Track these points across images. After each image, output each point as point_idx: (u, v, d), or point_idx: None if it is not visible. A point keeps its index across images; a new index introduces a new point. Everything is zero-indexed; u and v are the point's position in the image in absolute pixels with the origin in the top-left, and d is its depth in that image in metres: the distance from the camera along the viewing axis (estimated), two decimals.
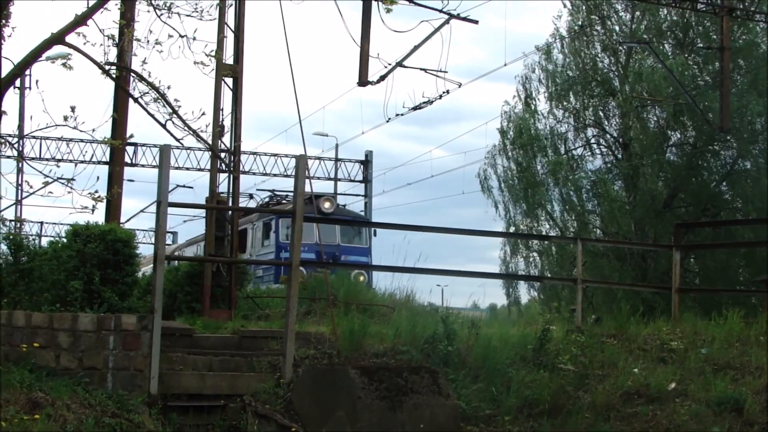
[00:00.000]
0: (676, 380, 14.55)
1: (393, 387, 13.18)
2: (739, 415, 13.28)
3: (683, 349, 15.79)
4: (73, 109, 13.79)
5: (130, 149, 45.60)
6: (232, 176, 18.81)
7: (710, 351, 15.44)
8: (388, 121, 34.22)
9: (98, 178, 16.02)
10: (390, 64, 28.44)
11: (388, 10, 17.37)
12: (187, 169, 48.97)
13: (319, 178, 50.76)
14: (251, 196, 43.39)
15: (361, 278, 30.58)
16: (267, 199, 40.67)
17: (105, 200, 17.02)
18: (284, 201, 38.98)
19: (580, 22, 48.97)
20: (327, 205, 35.09)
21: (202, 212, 30.32)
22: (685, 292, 18.50)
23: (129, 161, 45.21)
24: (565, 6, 49.27)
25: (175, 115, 14.90)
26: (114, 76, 15.36)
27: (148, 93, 14.69)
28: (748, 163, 46.02)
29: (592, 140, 48.21)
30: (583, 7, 48.89)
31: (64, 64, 13.92)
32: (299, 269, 23.50)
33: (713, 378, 14.28)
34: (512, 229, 46.41)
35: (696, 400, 13.82)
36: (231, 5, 18.92)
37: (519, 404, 14.15)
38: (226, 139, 18.86)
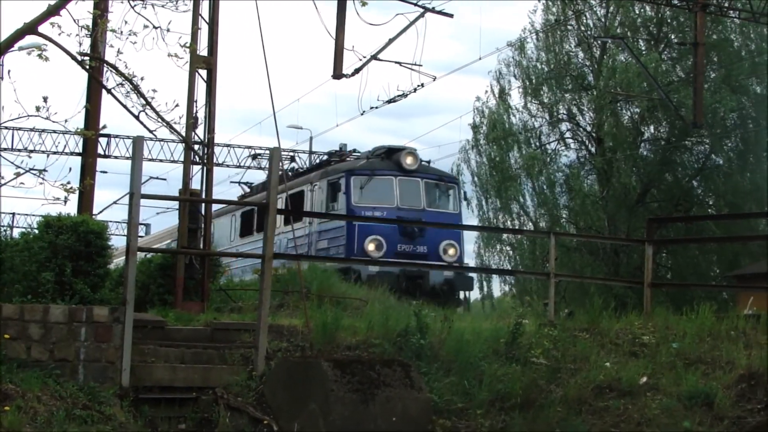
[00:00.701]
0: (648, 374, 14.60)
1: (365, 380, 13.18)
2: (710, 410, 13.34)
3: (655, 344, 15.85)
4: (45, 99, 13.72)
5: (103, 140, 45.35)
6: (205, 168, 18.74)
7: (681, 345, 15.51)
8: (362, 114, 34.22)
9: (71, 169, 16.01)
10: (365, 57, 28.46)
11: (364, 3, 17.35)
12: (161, 160, 48.78)
13: (292, 171, 50.68)
14: (293, 159, 39.90)
15: (452, 251, 28.08)
16: (325, 157, 34.75)
17: (77, 191, 16.91)
18: (351, 156, 32.90)
19: (554, 17, 49.09)
20: (409, 160, 29.32)
21: (175, 204, 30.18)
22: (658, 287, 18.55)
23: (102, 152, 44.97)
24: (540, 0, 49.38)
25: (148, 107, 14.85)
26: (87, 67, 15.27)
27: (121, 84, 14.64)
28: (721, 159, 46.31)
29: (566, 135, 48.40)
30: (558, 2, 48.99)
31: (39, 55, 13.83)
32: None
33: (684, 372, 14.34)
34: (486, 224, 46.55)
35: (667, 394, 13.88)
36: None
37: (491, 398, 14.16)
38: (200, 131, 18.80)
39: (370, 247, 27.30)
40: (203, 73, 18.80)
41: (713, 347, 15.31)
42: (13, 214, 63.42)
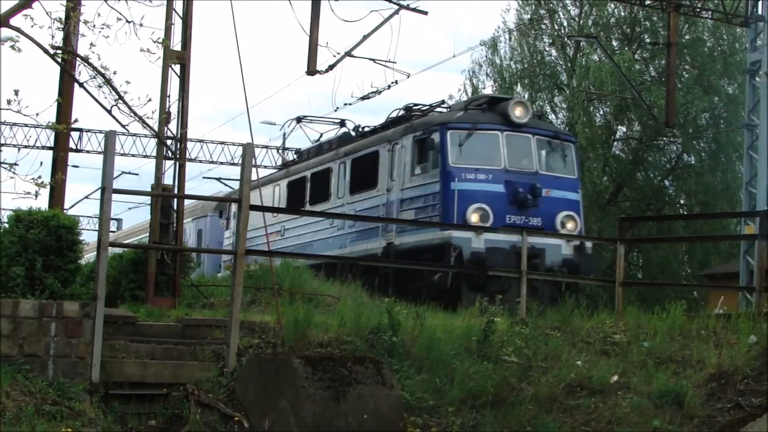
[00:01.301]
0: (619, 373, 14.65)
1: (337, 377, 13.16)
2: (680, 408, 13.40)
3: (626, 343, 15.91)
4: (16, 92, 13.62)
5: (75, 135, 45.28)
6: (177, 163, 18.67)
7: (652, 344, 15.56)
8: (336, 111, 34.20)
9: (42, 163, 15.89)
10: (339, 54, 28.44)
11: None
12: (133, 155, 48.70)
13: (266, 167, 50.64)
14: (343, 123, 33.74)
15: (571, 224, 23.81)
16: (401, 112, 28.55)
17: (48, 186, 16.83)
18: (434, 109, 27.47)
19: (528, 16, 49.22)
20: (519, 111, 24.41)
21: (148, 199, 29.94)
22: (629, 286, 18.59)
23: (74, 147, 44.88)
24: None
25: (120, 101, 14.78)
26: (59, 60, 15.18)
27: (94, 78, 14.56)
28: (693, 159, 46.53)
29: None
30: (532, 1, 49.14)
31: (12, 47, 13.73)
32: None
33: (655, 371, 14.39)
34: None
35: (638, 393, 13.93)
36: None
37: (462, 395, 14.17)
38: (173, 126, 18.72)
39: (474, 217, 22.93)
40: (176, 68, 18.72)
41: (684, 346, 15.37)
42: None
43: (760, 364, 13.99)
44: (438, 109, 27.04)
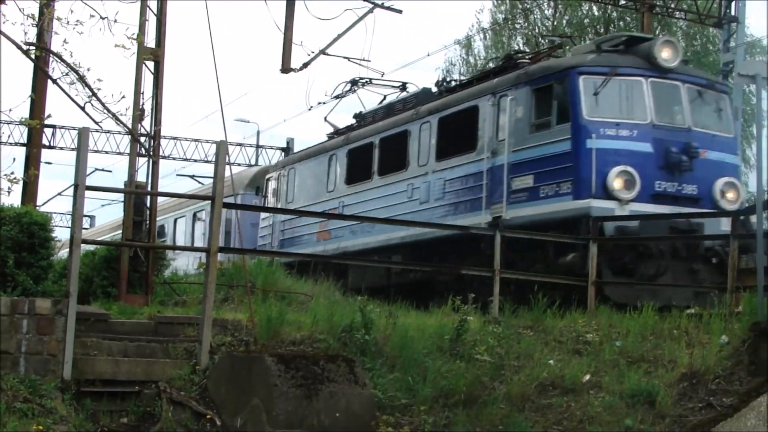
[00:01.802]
0: (591, 372, 14.70)
1: (309, 375, 13.15)
2: (652, 407, 13.47)
3: (598, 342, 15.96)
4: None
5: (48, 131, 45.13)
6: (151, 161, 18.62)
7: (625, 344, 15.62)
8: (310, 110, 34.16)
9: (14, 159, 15.85)
10: (313, 52, 28.45)
11: None
12: (107, 152, 48.67)
13: (239, 164, 50.64)
14: (404, 87, 29.53)
15: (731, 194, 20.19)
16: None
17: (21, 182, 16.78)
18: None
19: (502, 16, 49.34)
20: (666, 53, 20.39)
21: (121, 196, 29.81)
22: (602, 285, 18.63)
23: (47, 143, 44.77)
24: None
25: (94, 98, 14.74)
26: (33, 56, 15.14)
27: (67, 74, 14.52)
28: None
29: None
30: (507, 1, 49.26)
31: None
32: None
33: (627, 370, 14.45)
34: None
35: (610, 392, 13.98)
36: None
37: (435, 394, 14.19)
38: (147, 123, 18.68)
39: (617, 183, 19.23)
40: (150, 65, 18.67)
41: (656, 346, 15.44)
42: None
43: (731, 363, 14.07)
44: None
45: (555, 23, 47.51)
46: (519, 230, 19.73)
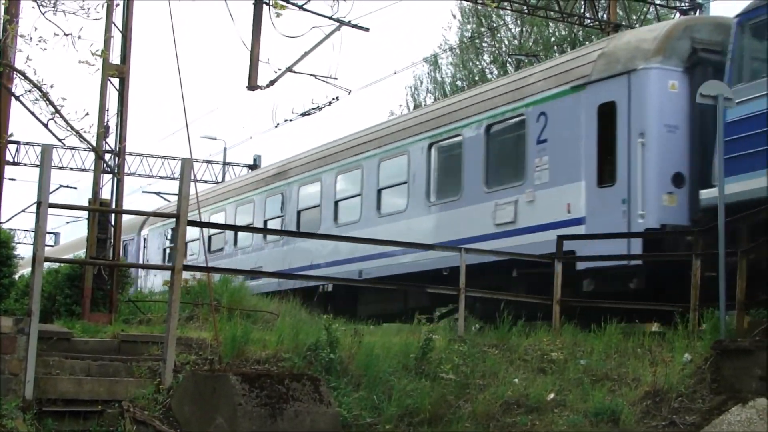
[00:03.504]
0: (555, 390, 14.72)
1: (274, 394, 13.10)
2: (615, 425, 13.48)
3: (563, 360, 15.98)
4: None
5: (12, 148, 44.88)
6: (116, 178, 18.55)
7: (589, 362, 15.65)
8: (276, 127, 34.21)
9: None
10: (280, 69, 28.46)
11: (279, 14, 17.37)
12: (71, 169, 48.44)
13: (206, 182, 50.54)
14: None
15: None
16: None
17: None
18: None
19: (469, 34, 49.55)
20: None
21: (85, 214, 29.66)
22: (566, 303, 18.67)
23: (11, 160, 44.48)
24: (455, 17, 49.83)
25: (57, 115, 14.68)
26: None
27: (30, 91, 14.46)
28: None
29: None
30: (473, 19, 49.49)
31: None
32: None
33: (591, 389, 14.47)
34: None
35: (574, 411, 14.00)
36: (119, 5, 18.65)
37: (400, 413, 14.17)
38: (111, 140, 18.60)
39: None
40: (116, 81, 18.61)
41: (620, 364, 15.48)
42: None
43: (694, 382, 14.11)
44: None
45: (522, 41, 47.73)
46: None
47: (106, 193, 18.59)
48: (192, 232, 31.31)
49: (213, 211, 32.84)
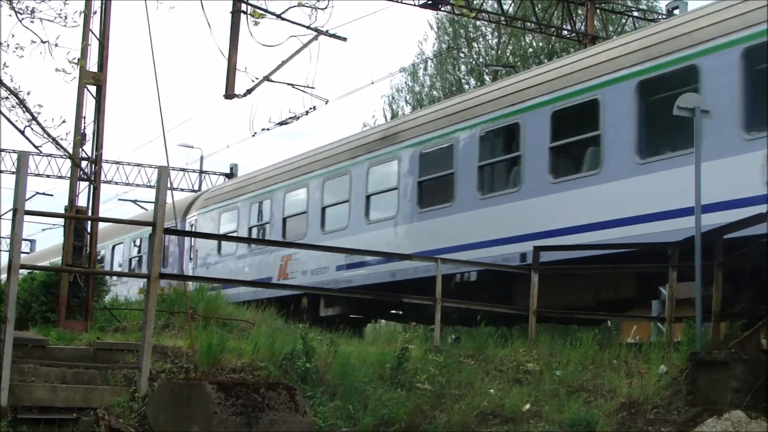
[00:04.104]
0: (531, 401, 14.73)
1: (250, 403, 13.07)
2: None
3: (539, 371, 16.01)
4: None
5: None
6: (92, 186, 18.49)
7: (565, 373, 15.68)
8: (254, 135, 34.18)
9: None
10: (257, 78, 28.44)
11: (256, 23, 17.38)
12: (48, 176, 48.31)
13: (183, 190, 50.45)
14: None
15: None
16: None
17: None
18: None
19: (446, 45, 49.68)
20: None
21: (61, 221, 29.50)
22: (542, 314, 18.72)
23: None
24: (431, 28, 49.95)
25: (34, 122, 14.64)
26: None
27: (6, 98, 14.42)
28: None
29: None
30: (450, 30, 49.62)
31: None
32: None
33: (567, 400, 14.49)
34: None
35: (549, 421, 14.01)
36: (96, 12, 18.61)
37: (375, 422, 14.16)
38: (88, 148, 18.55)
39: None
40: (93, 89, 18.56)
41: (596, 375, 15.51)
42: None
43: (669, 393, 14.16)
44: None
45: (499, 53, 47.84)
46: None
47: (82, 201, 18.54)
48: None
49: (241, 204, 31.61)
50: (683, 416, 13.51)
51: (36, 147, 15.75)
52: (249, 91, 28.63)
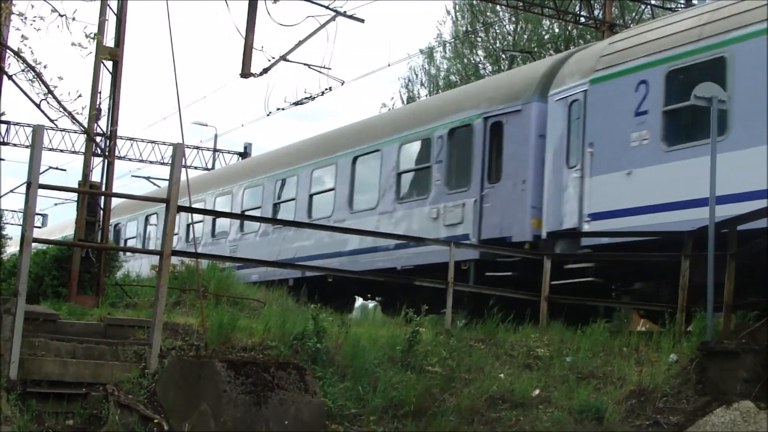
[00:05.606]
0: (541, 387, 14.73)
1: (259, 382, 13.08)
2: (600, 424, 13.49)
3: (549, 357, 16.00)
4: None
5: (2, 127, 44.77)
6: (106, 161, 18.49)
7: (575, 360, 15.67)
8: (268, 115, 34.16)
9: None
10: (274, 58, 28.41)
11: (275, 2, 17.34)
12: (62, 151, 48.36)
13: (196, 168, 50.46)
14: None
15: None
16: None
17: None
18: None
19: (464, 28, 49.53)
20: None
21: (74, 196, 29.48)
22: (554, 300, 18.69)
23: (1, 140, 44.36)
24: (449, 13, 49.81)
25: (50, 95, 14.62)
26: None
27: (24, 71, 14.40)
28: None
29: None
30: (467, 14, 49.46)
31: None
32: None
33: (576, 386, 14.49)
34: None
35: (558, 407, 14.01)
36: None
37: (385, 404, 14.16)
38: (103, 123, 18.55)
39: None
40: (109, 64, 18.55)
41: (606, 362, 15.49)
42: None
43: (679, 382, 14.13)
44: None
45: (516, 38, 47.72)
46: None
47: (96, 176, 18.54)
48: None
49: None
50: (692, 405, 13.50)
51: (51, 120, 15.73)
52: (265, 71, 28.60)
